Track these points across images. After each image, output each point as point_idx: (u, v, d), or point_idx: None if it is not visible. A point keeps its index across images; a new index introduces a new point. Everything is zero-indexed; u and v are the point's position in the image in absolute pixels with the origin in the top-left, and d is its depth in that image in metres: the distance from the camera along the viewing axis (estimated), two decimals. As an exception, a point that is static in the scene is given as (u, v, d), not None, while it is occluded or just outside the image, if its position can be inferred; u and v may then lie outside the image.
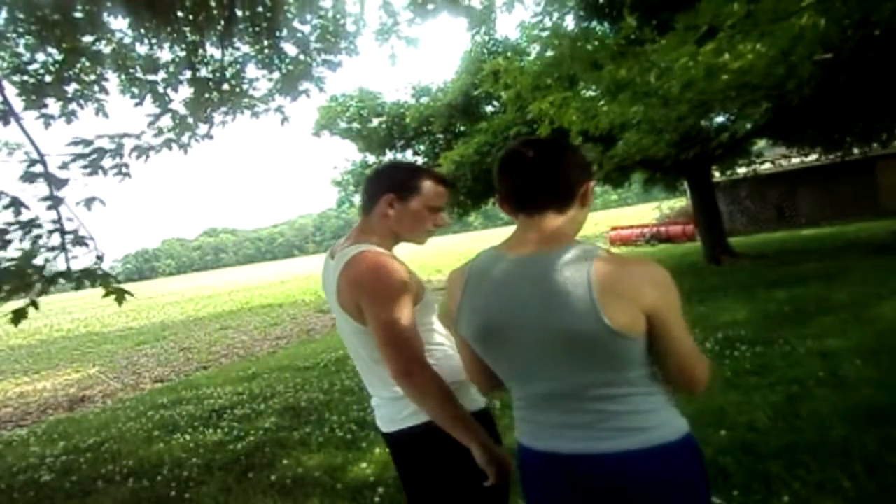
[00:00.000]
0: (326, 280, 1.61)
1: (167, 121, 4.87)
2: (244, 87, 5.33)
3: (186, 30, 4.85)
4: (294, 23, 5.15)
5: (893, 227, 11.56)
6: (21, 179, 3.28)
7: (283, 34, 5.19)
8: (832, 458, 2.69)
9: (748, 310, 6.39)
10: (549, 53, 7.24)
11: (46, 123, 4.61)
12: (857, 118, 10.04)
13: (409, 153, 14.99)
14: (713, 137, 10.67)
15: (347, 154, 32.64)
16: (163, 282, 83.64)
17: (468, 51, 13.44)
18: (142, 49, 5.02)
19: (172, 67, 5.07)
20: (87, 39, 4.60)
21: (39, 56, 4.60)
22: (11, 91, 4.40)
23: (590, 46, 6.44)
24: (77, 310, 32.64)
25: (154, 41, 4.92)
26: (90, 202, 3.32)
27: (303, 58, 5.32)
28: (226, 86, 5.21)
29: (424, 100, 14.22)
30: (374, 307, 1.44)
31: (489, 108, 13.77)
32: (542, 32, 7.21)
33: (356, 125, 14.22)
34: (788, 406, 3.43)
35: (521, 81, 8.23)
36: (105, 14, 4.40)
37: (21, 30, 4.44)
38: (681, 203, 21.42)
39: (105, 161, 3.84)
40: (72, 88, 4.75)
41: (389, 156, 14.64)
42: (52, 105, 4.64)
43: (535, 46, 9.64)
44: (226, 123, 5.27)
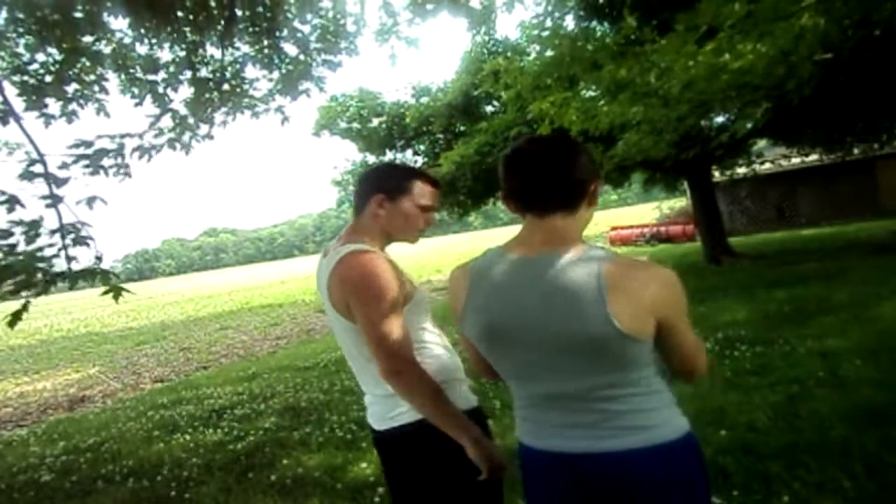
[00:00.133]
0: (320, 279, 1.62)
1: (167, 121, 4.88)
2: (244, 87, 5.34)
3: (186, 30, 4.86)
4: (294, 23, 5.15)
5: (893, 227, 11.56)
6: (20, 178, 3.28)
7: (283, 34, 5.20)
8: (832, 458, 2.69)
9: (748, 310, 6.39)
10: (549, 53, 7.24)
11: (47, 123, 4.61)
12: (858, 118, 10.05)
13: (409, 153, 14.97)
14: (713, 137, 10.66)
15: (347, 154, 32.71)
16: (163, 282, 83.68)
17: (468, 51, 13.42)
18: (142, 49, 5.03)
19: (172, 67, 5.08)
20: (87, 39, 4.60)
21: (39, 56, 4.60)
22: (11, 91, 4.41)
23: (590, 46, 6.45)
24: (77, 310, 32.67)
25: (154, 41, 4.93)
26: (92, 201, 3.32)
27: (303, 58, 5.32)
28: (226, 86, 5.21)
29: (424, 100, 14.20)
30: (363, 305, 1.46)
31: (489, 108, 13.75)
32: (543, 32, 7.22)
33: (356, 125, 14.20)
34: (788, 406, 3.43)
35: (522, 81, 8.23)
36: (105, 14, 4.40)
37: (21, 30, 4.44)
38: (681, 203, 21.43)
39: (106, 161, 3.85)
40: (72, 88, 4.75)
41: (389, 156, 14.62)
42: (53, 105, 4.65)
43: (535, 46, 9.64)
44: (226, 124, 5.28)
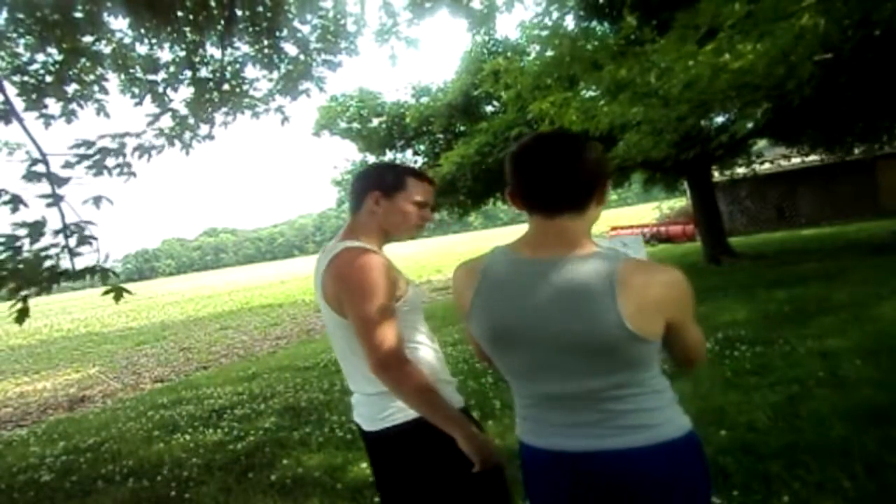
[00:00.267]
0: (316, 277, 1.63)
1: (167, 121, 4.88)
2: (244, 87, 5.33)
3: (186, 30, 4.86)
4: (294, 23, 5.15)
5: (893, 227, 11.56)
6: (24, 178, 3.28)
7: (283, 34, 5.19)
8: (832, 458, 2.69)
9: (748, 310, 6.38)
10: (549, 53, 7.24)
11: (46, 123, 4.61)
12: (858, 118, 10.04)
13: (409, 153, 14.97)
14: (713, 138, 10.67)
15: (347, 154, 32.70)
16: (163, 282, 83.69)
17: (468, 51, 13.43)
18: (142, 49, 5.02)
19: (172, 67, 5.07)
20: (87, 39, 4.60)
21: (39, 56, 4.59)
22: (11, 91, 4.40)
23: (590, 46, 6.45)
24: (77, 310, 32.68)
25: (154, 41, 4.93)
26: (98, 201, 3.33)
27: (303, 58, 5.32)
28: (226, 86, 5.21)
29: (424, 100, 14.20)
30: (355, 300, 1.47)
31: (489, 108, 13.75)
32: (542, 32, 7.21)
33: (356, 125, 14.21)
34: (788, 406, 3.42)
35: (522, 81, 8.24)
36: (105, 14, 4.40)
37: (21, 30, 4.44)
38: (681, 203, 21.43)
39: (108, 161, 3.86)
40: (72, 88, 4.75)
41: (389, 156, 14.62)
42: (52, 105, 4.65)
43: (535, 46, 9.64)
44: (227, 124, 5.28)
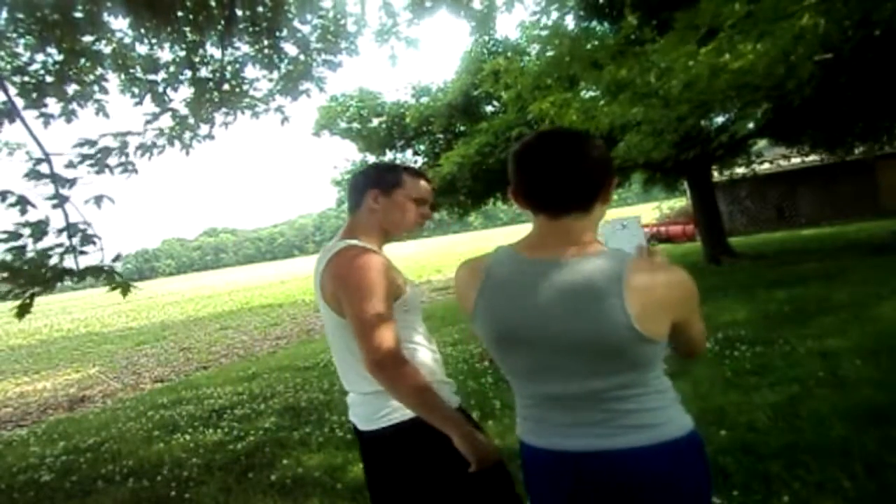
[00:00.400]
0: (315, 276, 1.64)
1: (167, 121, 4.88)
2: (244, 87, 5.33)
3: (186, 30, 4.85)
4: (294, 23, 5.15)
5: (893, 227, 11.56)
6: (26, 178, 3.28)
7: (283, 34, 5.19)
8: (832, 458, 2.69)
9: (748, 310, 6.38)
10: (549, 53, 7.24)
11: (45, 123, 4.60)
12: (858, 118, 10.04)
13: (409, 153, 14.97)
14: (713, 138, 10.67)
15: (347, 154, 32.71)
16: (163, 282, 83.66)
17: (468, 51, 13.43)
18: (142, 49, 5.02)
19: (172, 67, 5.07)
20: (87, 39, 4.59)
21: (39, 56, 4.59)
22: (11, 91, 4.39)
23: (590, 46, 6.44)
24: (77, 310, 32.68)
25: (154, 41, 4.92)
26: (99, 200, 3.33)
27: (303, 58, 5.32)
28: (226, 86, 5.21)
29: (424, 100, 14.20)
30: (353, 299, 1.47)
31: (489, 109, 13.76)
32: (542, 31, 7.22)
33: (356, 125, 14.21)
34: (788, 406, 3.42)
35: (522, 81, 8.24)
36: (105, 14, 4.40)
37: (21, 30, 4.44)
38: (681, 203, 21.41)
39: (111, 160, 3.86)
40: (72, 88, 4.75)
41: (389, 156, 14.62)
42: (52, 104, 4.65)
43: (535, 46, 9.65)
44: (227, 124, 5.28)
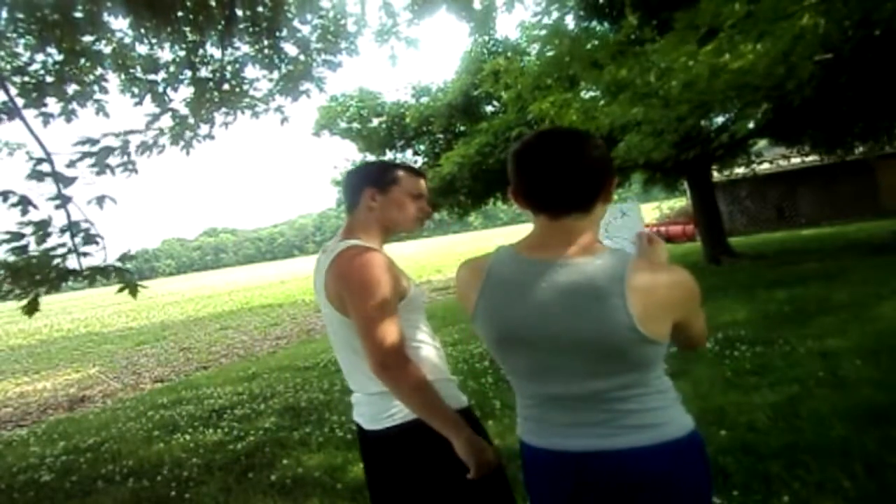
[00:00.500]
0: (317, 277, 1.64)
1: (167, 121, 4.88)
2: (244, 87, 5.33)
3: (186, 30, 4.85)
4: (294, 23, 5.15)
5: (893, 227, 11.57)
6: (28, 178, 3.28)
7: (283, 34, 5.19)
8: (832, 458, 2.69)
9: (748, 310, 6.38)
10: (549, 53, 7.24)
11: (45, 122, 4.60)
12: (858, 118, 10.05)
13: (409, 153, 14.98)
14: (713, 138, 10.67)
15: (347, 154, 32.60)
16: (163, 282, 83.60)
17: (468, 51, 13.44)
18: (142, 49, 5.03)
19: (172, 67, 5.08)
20: (87, 39, 4.60)
21: (39, 56, 4.60)
22: (11, 91, 4.40)
23: (590, 46, 6.44)
24: (77, 310, 32.68)
25: (154, 41, 4.93)
26: (101, 200, 3.33)
27: (303, 58, 5.32)
28: (226, 86, 5.21)
29: (424, 100, 14.21)
30: (357, 299, 1.47)
31: (489, 109, 13.77)
32: (542, 32, 7.22)
33: (356, 125, 14.22)
34: (788, 406, 3.42)
35: (522, 81, 8.24)
36: (105, 14, 4.40)
37: (21, 30, 4.44)
38: (681, 203, 21.41)
39: (112, 159, 3.85)
40: (72, 88, 4.75)
41: (389, 156, 14.62)
42: (52, 104, 4.65)
43: (535, 46, 9.65)
44: (227, 124, 5.28)
